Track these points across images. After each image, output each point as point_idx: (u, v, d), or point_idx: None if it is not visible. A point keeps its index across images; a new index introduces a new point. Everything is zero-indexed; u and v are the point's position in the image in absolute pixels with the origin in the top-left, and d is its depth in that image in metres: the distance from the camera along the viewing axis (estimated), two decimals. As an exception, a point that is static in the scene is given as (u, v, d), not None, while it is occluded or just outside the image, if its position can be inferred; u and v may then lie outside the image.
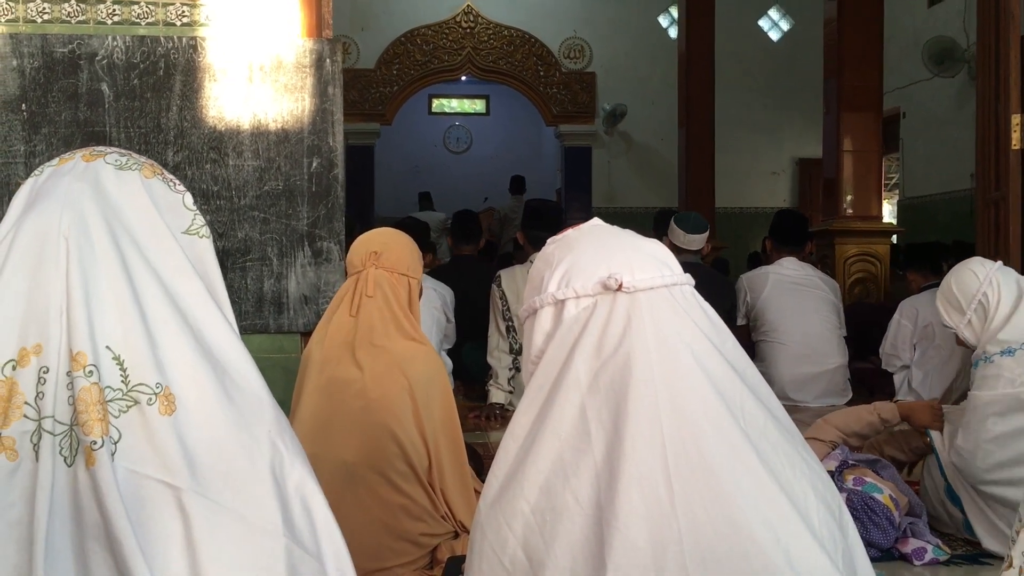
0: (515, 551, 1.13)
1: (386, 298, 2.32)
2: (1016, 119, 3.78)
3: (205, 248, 1.36)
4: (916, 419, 2.92)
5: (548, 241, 1.32)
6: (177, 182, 1.38)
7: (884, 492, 2.56)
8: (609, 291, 1.19)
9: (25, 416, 1.15)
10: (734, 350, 1.22)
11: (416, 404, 2.28)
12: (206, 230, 1.37)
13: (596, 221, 1.32)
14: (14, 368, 1.17)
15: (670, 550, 1.06)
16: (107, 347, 1.18)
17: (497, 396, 4.16)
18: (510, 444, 1.19)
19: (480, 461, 2.92)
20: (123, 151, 1.37)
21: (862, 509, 2.53)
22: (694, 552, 1.06)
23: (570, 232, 1.30)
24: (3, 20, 3.18)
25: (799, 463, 1.16)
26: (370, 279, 2.31)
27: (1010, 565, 1.22)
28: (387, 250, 2.36)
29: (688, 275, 1.25)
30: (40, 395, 1.16)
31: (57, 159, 1.34)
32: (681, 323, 1.18)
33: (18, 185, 1.34)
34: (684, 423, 1.11)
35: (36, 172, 1.33)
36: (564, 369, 1.17)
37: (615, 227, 1.31)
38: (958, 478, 2.72)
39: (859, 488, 2.57)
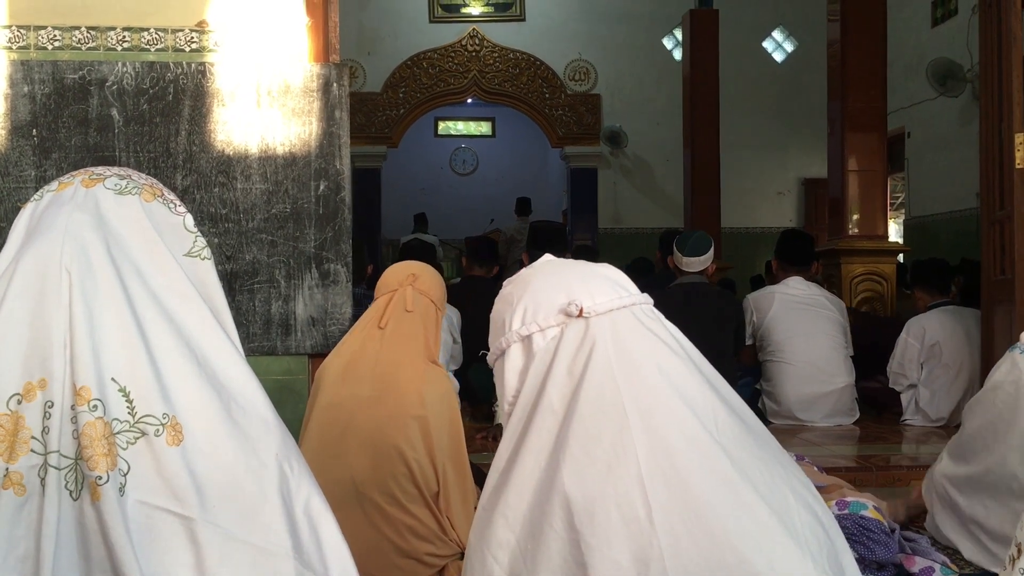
0: None
1: (423, 316, 2.42)
2: (1020, 138, 3.78)
3: (207, 270, 1.35)
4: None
5: (504, 283, 1.34)
6: (178, 203, 1.37)
7: (869, 505, 2.54)
8: (571, 317, 1.21)
9: (32, 451, 1.15)
10: (702, 362, 1.24)
11: (429, 428, 2.31)
12: (207, 251, 1.36)
13: (547, 257, 1.36)
14: (19, 402, 1.16)
15: (653, 567, 1.07)
16: (112, 379, 1.17)
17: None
18: (493, 475, 1.21)
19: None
20: (122, 173, 1.35)
21: (858, 532, 2.50)
22: (676, 567, 1.06)
23: (524, 271, 1.33)
24: (15, 47, 3.22)
25: (776, 468, 1.17)
26: (408, 295, 2.41)
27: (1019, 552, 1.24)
28: (424, 275, 2.49)
29: (646, 295, 1.27)
30: (46, 429, 1.16)
31: (56, 183, 1.33)
32: (645, 340, 1.20)
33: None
34: (656, 439, 1.12)
35: (35, 197, 1.32)
36: (538, 398, 1.19)
37: (567, 259, 1.35)
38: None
39: (846, 511, 2.54)
